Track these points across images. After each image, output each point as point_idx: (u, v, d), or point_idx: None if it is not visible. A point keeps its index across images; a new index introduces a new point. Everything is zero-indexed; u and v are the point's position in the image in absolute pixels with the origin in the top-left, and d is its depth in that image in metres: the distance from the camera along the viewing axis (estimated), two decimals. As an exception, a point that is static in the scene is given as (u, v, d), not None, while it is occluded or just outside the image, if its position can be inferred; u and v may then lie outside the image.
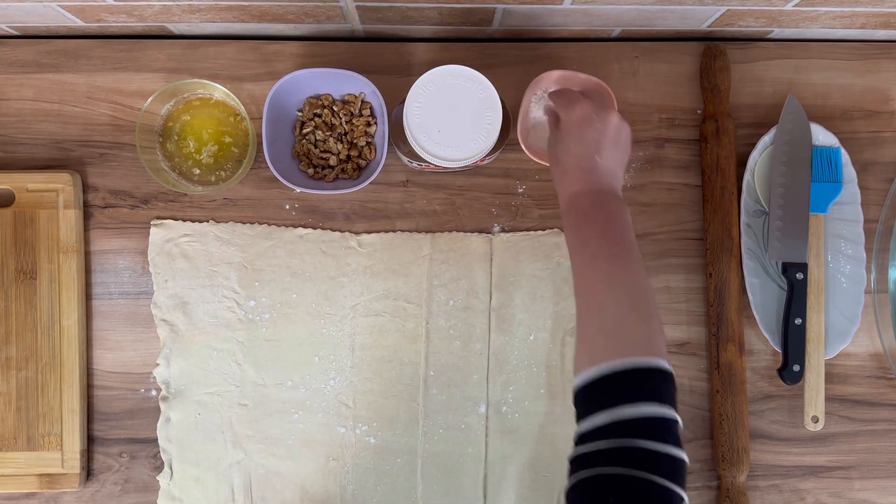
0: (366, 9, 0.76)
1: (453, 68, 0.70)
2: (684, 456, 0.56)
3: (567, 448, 0.59)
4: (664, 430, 0.56)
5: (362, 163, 0.80)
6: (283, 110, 0.78)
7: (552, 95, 0.73)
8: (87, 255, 0.81)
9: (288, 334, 0.80)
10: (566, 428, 0.80)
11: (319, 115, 0.80)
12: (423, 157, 0.71)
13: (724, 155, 0.80)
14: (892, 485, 0.82)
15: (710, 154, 0.80)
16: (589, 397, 0.59)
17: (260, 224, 0.81)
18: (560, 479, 0.80)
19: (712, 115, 0.81)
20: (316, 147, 0.80)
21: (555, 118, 0.72)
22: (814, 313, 0.79)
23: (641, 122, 0.83)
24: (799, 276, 0.79)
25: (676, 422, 0.57)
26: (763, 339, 0.82)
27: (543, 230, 0.82)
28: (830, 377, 0.81)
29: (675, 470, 0.55)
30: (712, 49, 0.82)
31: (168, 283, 0.80)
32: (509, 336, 0.81)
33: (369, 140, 0.80)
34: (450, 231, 0.82)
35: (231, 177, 0.79)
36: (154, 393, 0.80)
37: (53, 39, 0.82)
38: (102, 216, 0.81)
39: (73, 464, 0.78)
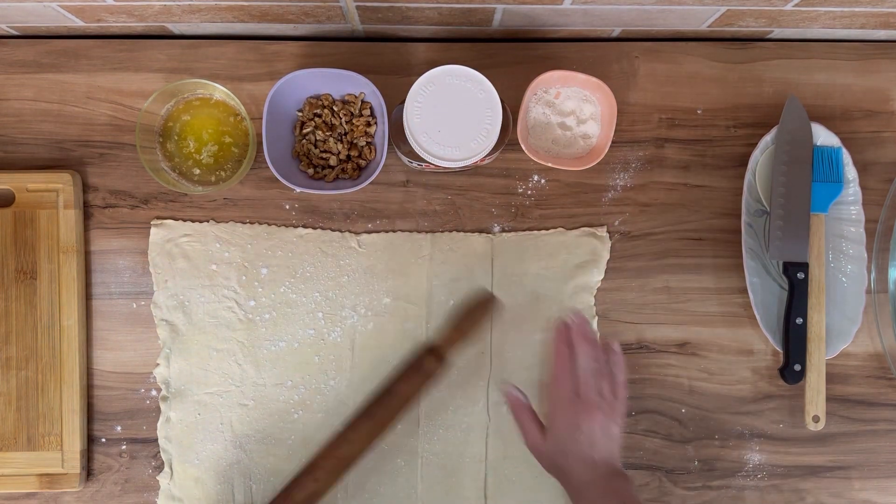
0: (366, 9, 0.76)
1: (453, 68, 0.70)
2: None
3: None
4: None
5: (362, 163, 0.80)
6: (283, 110, 0.78)
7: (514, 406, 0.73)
8: (87, 255, 0.81)
9: (288, 334, 0.80)
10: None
11: (319, 115, 0.80)
12: (423, 157, 0.71)
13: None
14: (892, 485, 0.82)
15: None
16: None
17: (260, 224, 0.81)
18: (560, 479, 0.79)
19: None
20: (316, 147, 0.80)
21: (532, 419, 0.72)
22: (815, 313, 0.79)
23: (641, 122, 0.83)
24: (800, 275, 0.79)
25: None
26: (763, 339, 0.82)
27: (547, 230, 0.82)
28: (830, 377, 0.81)
29: None
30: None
31: (168, 283, 0.80)
32: (511, 336, 0.81)
33: (369, 140, 0.80)
34: (450, 231, 0.82)
35: (231, 177, 0.79)
36: (154, 393, 0.80)
37: (53, 39, 0.82)
38: (102, 216, 0.81)
39: (73, 464, 0.78)
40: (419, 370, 0.75)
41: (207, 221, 0.81)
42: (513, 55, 0.83)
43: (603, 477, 0.68)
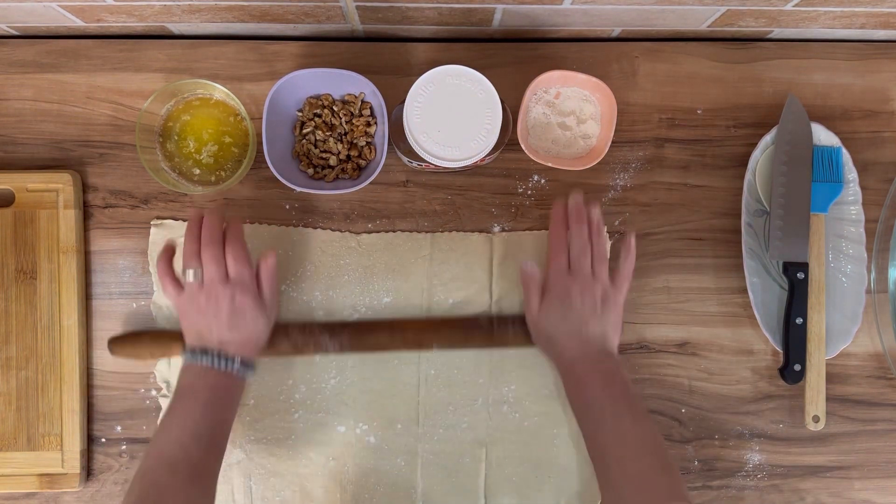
0: (366, 9, 0.76)
1: (453, 68, 0.70)
2: None
3: (567, 448, 0.58)
4: None
5: (362, 163, 0.80)
6: (283, 110, 0.78)
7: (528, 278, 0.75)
8: (87, 255, 0.81)
9: (288, 334, 0.80)
10: (566, 427, 0.80)
11: (319, 115, 0.80)
12: (423, 157, 0.71)
13: None
14: (892, 485, 0.82)
15: None
16: None
17: (260, 224, 0.81)
18: (560, 479, 0.79)
19: None
20: (316, 147, 0.80)
21: (536, 291, 0.74)
22: (815, 313, 0.79)
23: (641, 122, 0.83)
24: (800, 275, 0.79)
25: None
26: (763, 339, 0.82)
27: (547, 230, 0.82)
28: (830, 377, 0.81)
29: None
30: None
31: (168, 283, 0.80)
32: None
33: (369, 140, 0.80)
34: (450, 231, 0.82)
35: (231, 177, 0.79)
36: (154, 393, 0.80)
37: (53, 39, 0.82)
38: (102, 216, 0.81)
39: (73, 464, 0.78)
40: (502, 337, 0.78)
41: (207, 221, 0.81)
42: (513, 55, 0.83)
43: (592, 354, 0.70)
